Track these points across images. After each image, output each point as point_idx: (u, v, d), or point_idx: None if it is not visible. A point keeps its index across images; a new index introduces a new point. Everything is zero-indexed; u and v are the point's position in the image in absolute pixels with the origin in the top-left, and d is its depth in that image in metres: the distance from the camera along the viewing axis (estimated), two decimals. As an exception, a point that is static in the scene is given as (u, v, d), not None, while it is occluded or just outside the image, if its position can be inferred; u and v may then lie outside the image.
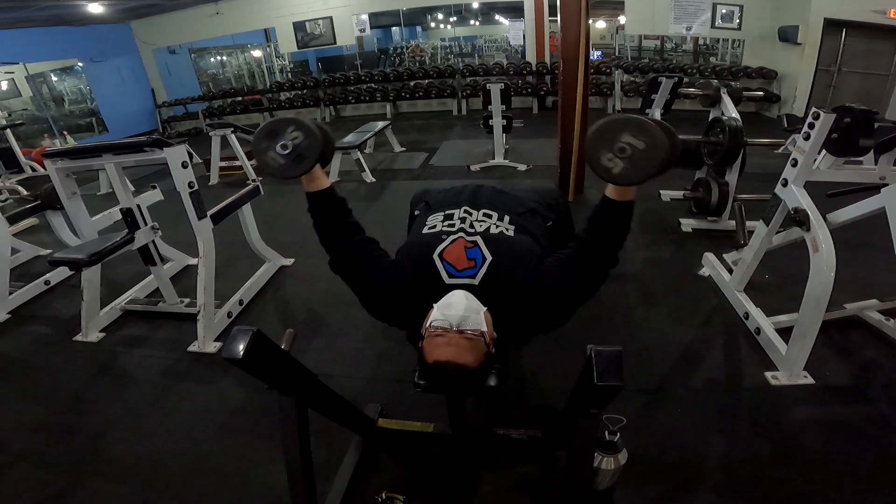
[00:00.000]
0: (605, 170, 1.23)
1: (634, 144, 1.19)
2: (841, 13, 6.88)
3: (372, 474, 1.78)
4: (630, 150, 1.19)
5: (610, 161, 1.22)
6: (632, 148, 1.19)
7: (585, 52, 3.92)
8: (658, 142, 1.18)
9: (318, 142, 1.37)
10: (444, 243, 1.48)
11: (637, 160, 1.20)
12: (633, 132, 1.19)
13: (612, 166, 1.22)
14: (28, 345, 2.82)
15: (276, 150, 1.38)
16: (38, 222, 4.51)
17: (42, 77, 9.31)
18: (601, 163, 1.23)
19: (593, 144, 1.23)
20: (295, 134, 1.37)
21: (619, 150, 1.20)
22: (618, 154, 1.21)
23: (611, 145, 1.21)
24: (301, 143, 1.37)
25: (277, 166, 1.40)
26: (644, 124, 1.20)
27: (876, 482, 1.64)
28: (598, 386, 1.06)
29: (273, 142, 1.38)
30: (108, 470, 1.90)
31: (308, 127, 1.38)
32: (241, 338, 1.13)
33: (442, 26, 16.27)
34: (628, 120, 1.21)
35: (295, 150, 1.38)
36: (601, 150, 1.22)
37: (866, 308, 2.41)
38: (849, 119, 2.04)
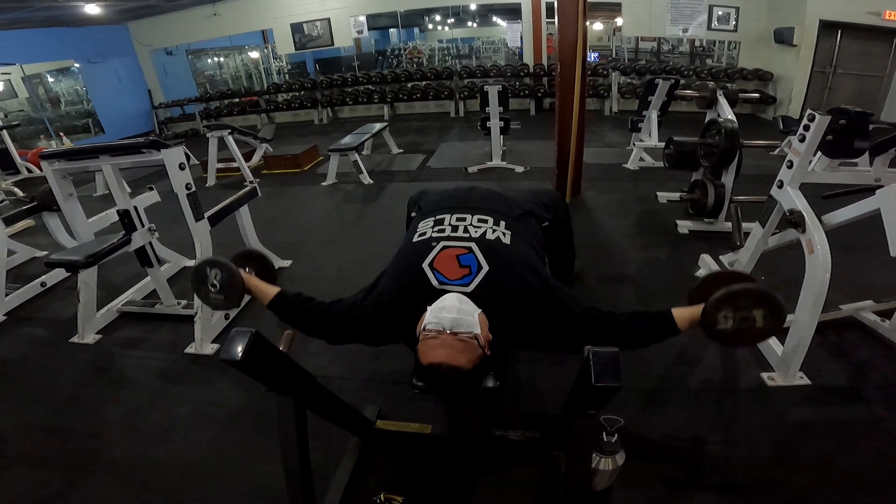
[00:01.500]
0: (714, 323, 1.22)
1: (757, 319, 1.19)
2: (836, 15, 6.92)
3: (370, 476, 1.78)
4: (750, 322, 1.19)
5: (725, 319, 1.21)
6: (752, 321, 1.19)
7: (583, 53, 3.93)
8: (777, 326, 1.20)
9: (235, 274, 1.49)
10: (434, 252, 1.45)
11: (747, 332, 1.21)
12: (767, 310, 1.19)
13: (721, 323, 1.21)
14: (24, 346, 2.82)
15: (212, 293, 1.51)
16: (34, 224, 4.51)
17: (38, 78, 9.28)
18: (715, 316, 1.21)
19: (723, 302, 1.20)
20: (215, 272, 1.50)
21: (742, 318, 1.20)
22: (737, 319, 1.20)
23: (737, 309, 1.19)
24: (224, 279, 1.49)
25: (220, 303, 1.54)
26: (781, 311, 1.19)
27: (872, 483, 1.65)
28: (596, 386, 1.06)
29: (204, 285, 1.51)
30: (104, 471, 1.89)
31: (223, 263, 1.50)
32: (240, 339, 1.13)
33: (440, 28, 16.29)
34: (772, 299, 1.19)
35: (224, 286, 1.50)
36: (725, 308, 1.20)
37: (862, 309, 2.42)
38: (844, 121, 2.05)
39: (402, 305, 1.41)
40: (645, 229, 3.79)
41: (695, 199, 3.65)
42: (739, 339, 1.23)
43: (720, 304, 1.21)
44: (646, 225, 3.87)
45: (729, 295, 1.20)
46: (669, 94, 5.00)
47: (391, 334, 1.52)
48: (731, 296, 1.20)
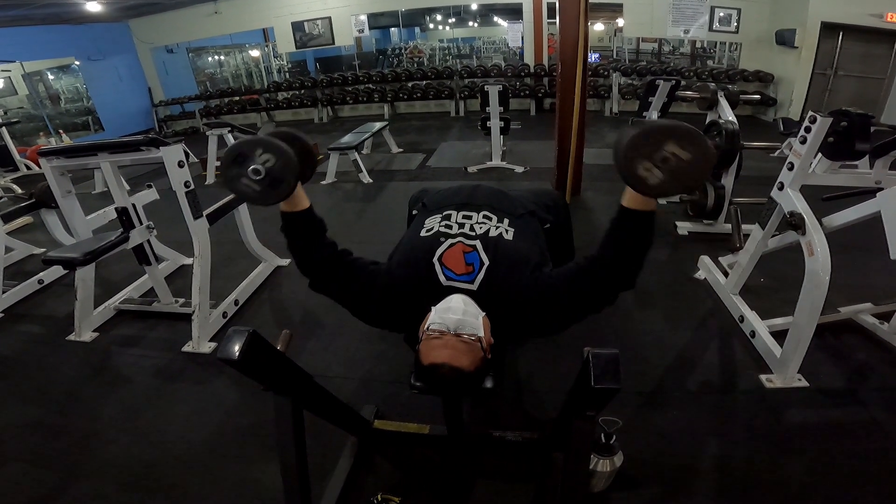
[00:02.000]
0: (640, 180, 1.12)
1: (679, 155, 1.09)
2: (838, 17, 6.92)
3: (367, 476, 1.78)
4: (674, 161, 1.09)
5: (647, 171, 1.11)
6: (676, 159, 1.09)
7: (584, 54, 3.93)
8: (706, 153, 1.10)
9: (292, 162, 1.23)
10: (443, 247, 1.45)
11: (678, 172, 1.10)
12: (679, 142, 1.09)
13: (647, 176, 1.11)
14: (21, 344, 2.81)
15: (248, 177, 1.24)
16: (32, 221, 4.50)
17: (39, 75, 9.27)
18: (637, 172, 1.12)
19: (631, 151, 1.11)
20: (265, 157, 1.22)
21: (662, 160, 1.10)
22: (658, 164, 1.10)
23: (651, 154, 1.10)
24: (274, 167, 1.23)
25: (253, 194, 1.26)
26: (694, 134, 1.10)
27: (870, 484, 1.65)
28: (595, 388, 1.06)
29: (243, 167, 1.23)
30: (101, 470, 1.89)
31: (278, 147, 1.23)
32: (237, 338, 1.12)
33: (440, 27, 16.28)
34: (675, 127, 1.10)
35: (269, 175, 1.23)
36: (639, 158, 1.11)
37: (861, 311, 2.42)
38: (845, 123, 2.05)
39: (410, 298, 1.41)
40: (644, 230, 3.78)
41: (694, 200, 3.64)
42: (679, 181, 1.12)
43: (630, 160, 1.11)
44: (645, 226, 3.86)
45: (631, 146, 1.11)
46: (670, 96, 4.97)
47: (392, 322, 1.52)
48: (632, 146, 1.11)
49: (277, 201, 1.31)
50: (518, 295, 1.39)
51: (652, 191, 1.14)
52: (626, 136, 1.12)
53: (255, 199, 1.27)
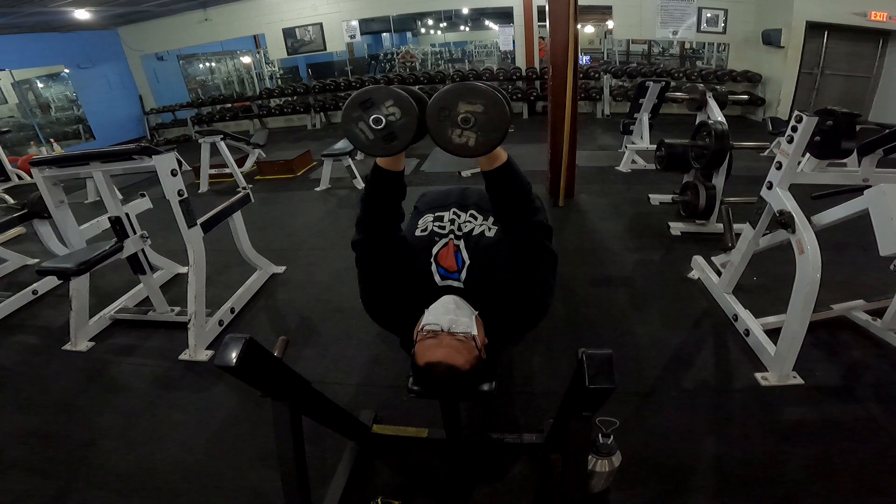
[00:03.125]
0: (462, 147, 1.17)
1: (474, 111, 1.13)
2: (822, 16, 7.02)
3: (367, 480, 1.78)
4: (473, 119, 1.13)
5: (461, 136, 1.15)
6: (474, 116, 1.13)
7: (574, 57, 3.96)
8: (493, 98, 1.13)
9: (414, 122, 1.21)
10: (438, 246, 1.53)
11: (485, 125, 1.14)
12: (466, 99, 1.13)
13: (465, 141, 1.16)
14: (16, 354, 2.79)
15: (367, 122, 1.21)
16: (24, 231, 4.47)
17: (28, 84, 9.21)
18: (453, 142, 1.16)
19: (435, 126, 1.16)
20: (393, 110, 1.21)
21: (464, 122, 1.13)
22: (464, 126, 1.14)
23: (453, 120, 1.14)
24: (397, 122, 1.21)
25: (365, 140, 1.24)
26: (471, 87, 1.13)
27: (866, 481, 1.66)
28: (590, 388, 1.07)
29: (367, 112, 1.21)
30: (98, 478, 1.88)
31: (408, 104, 1.21)
32: (234, 345, 1.13)
33: (432, 32, 16.32)
34: (455, 89, 1.13)
35: (388, 128, 1.22)
36: (446, 128, 1.15)
37: (853, 308, 2.45)
38: (831, 122, 2.08)
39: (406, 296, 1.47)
40: (637, 231, 3.82)
41: (686, 200, 3.68)
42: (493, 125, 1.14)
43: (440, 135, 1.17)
44: (638, 227, 3.89)
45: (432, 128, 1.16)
46: (660, 97, 5.04)
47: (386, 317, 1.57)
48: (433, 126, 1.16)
49: (385, 155, 1.31)
50: (499, 285, 1.44)
51: (478, 150, 1.18)
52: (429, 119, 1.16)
53: (366, 146, 1.25)
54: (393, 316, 1.55)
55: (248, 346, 1.13)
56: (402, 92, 1.20)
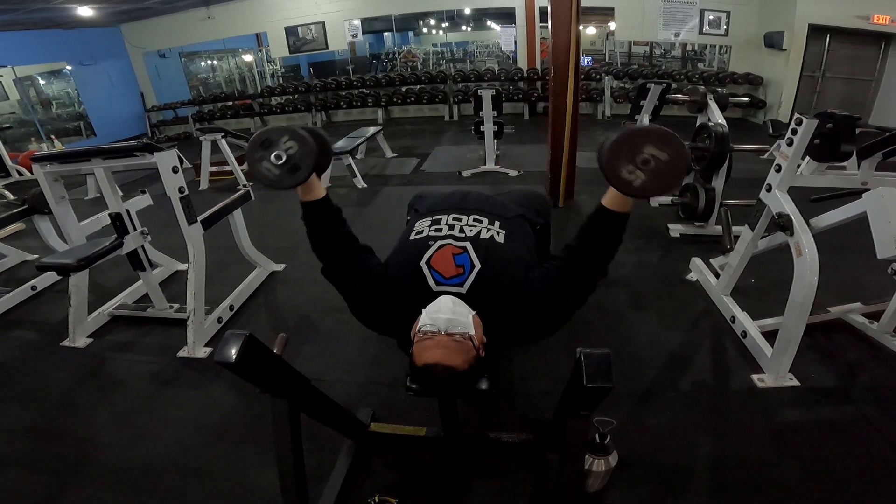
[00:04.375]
0: (625, 182, 1.20)
1: (658, 156, 1.17)
2: (825, 19, 7.02)
3: (364, 478, 1.78)
4: (654, 163, 1.17)
5: (631, 173, 1.19)
6: (655, 160, 1.17)
7: (576, 58, 3.96)
8: (682, 153, 1.18)
9: (312, 151, 1.34)
10: (431, 250, 1.47)
11: (660, 172, 1.18)
12: (657, 144, 1.17)
13: (632, 178, 1.20)
14: (15, 350, 2.79)
15: (270, 161, 1.34)
16: (24, 227, 4.48)
17: (30, 80, 9.21)
18: (621, 175, 1.20)
19: (613, 155, 1.20)
20: (289, 144, 1.33)
21: (643, 162, 1.18)
22: (640, 166, 1.18)
23: (633, 157, 1.18)
24: (296, 154, 1.33)
25: (272, 177, 1.36)
26: (668, 136, 1.18)
27: (861, 482, 1.67)
28: (588, 387, 1.07)
29: (267, 151, 1.34)
30: (96, 475, 1.88)
31: (303, 136, 1.34)
32: (234, 342, 1.13)
33: (434, 32, 16.33)
34: (651, 131, 1.20)
35: (289, 161, 1.34)
36: (622, 161, 1.19)
37: (850, 311, 2.45)
38: (831, 125, 2.08)
39: (399, 303, 1.43)
40: (637, 233, 3.82)
41: (686, 202, 3.68)
42: (662, 181, 1.20)
43: (613, 164, 1.20)
44: (637, 228, 3.89)
45: (612, 153, 1.20)
46: (661, 99, 5.02)
47: (384, 324, 1.55)
48: (614, 150, 1.19)
49: (293, 186, 1.39)
50: (509, 299, 1.41)
51: (636, 191, 1.21)
52: (608, 142, 1.20)
53: (273, 181, 1.36)
54: (385, 324, 1.54)
55: (247, 343, 1.14)
56: (295, 128, 1.35)
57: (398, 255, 1.55)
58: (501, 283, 1.41)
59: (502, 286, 1.41)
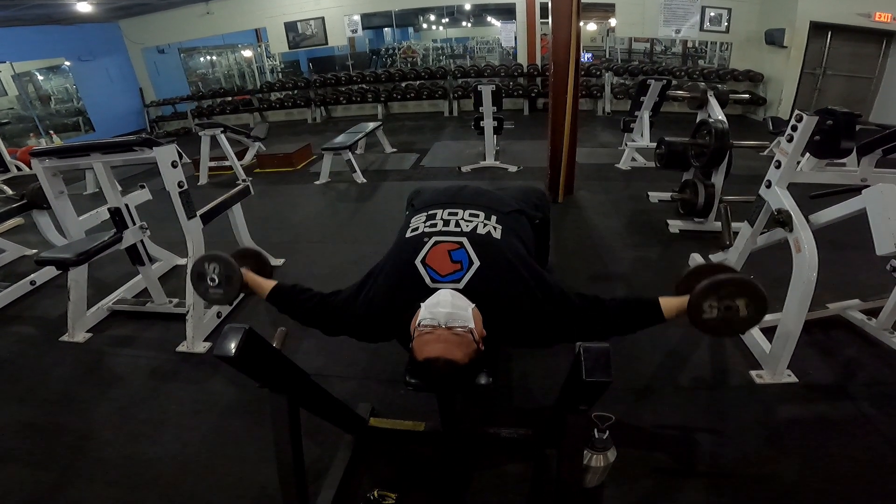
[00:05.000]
0: (699, 312, 1.27)
1: (741, 309, 1.23)
2: (827, 16, 6.99)
3: (363, 473, 1.78)
4: (734, 311, 1.24)
5: (710, 309, 1.25)
6: (735, 310, 1.24)
7: (576, 54, 3.95)
8: (760, 317, 1.24)
9: (231, 263, 1.53)
10: (426, 247, 1.45)
11: (732, 321, 1.25)
12: (749, 300, 1.23)
13: (706, 312, 1.26)
14: (13, 345, 2.79)
15: (210, 287, 1.55)
16: (23, 222, 4.47)
17: (28, 76, 9.19)
18: (701, 305, 1.26)
19: (708, 289, 1.25)
20: (213, 266, 1.54)
21: (726, 308, 1.24)
22: (722, 308, 1.24)
23: (722, 297, 1.24)
24: (221, 272, 1.54)
25: (219, 297, 1.57)
26: (763, 299, 1.24)
27: (858, 479, 1.67)
28: (587, 382, 1.07)
29: (204, 281, 1.55)
30: (95, 471, 1.89)
31: (220, 257, 1.54)
32: (233, 336, 1.13)
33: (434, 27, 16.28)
34: (752, 287, 1.24)
35: (220, 278, 1.54)
36: (710, 297, 1.25)
37: (849, 308, 2.46)
38: (831, 121, 2.08)
39: (396, 304, 1.41)
40: (636, 229, 3.82)
41: (685, 198, 3.68)
42: (724, 327, 1.27)
43: (706, 294, 1.25)
44: (637, 224, 3.90)
45: (714, 284, 1.25)
46: (661, 95, 5.03)
47: (384, 332, 1.52)
48: (716, 285, 1.24)
49: (237, 294, 1.58)
50: (514, 292, 1.40)
51: (698, 322, 1.28)
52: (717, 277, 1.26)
53: (221, 299, 1.59)
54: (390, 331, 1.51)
55: (247, 337, 1.14)
56: (212, 253, 1.56)
57: (393, 255, 1.54)
58: (501, 283, 1.40)
59: (502, 286, 1.40)
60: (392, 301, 1.43)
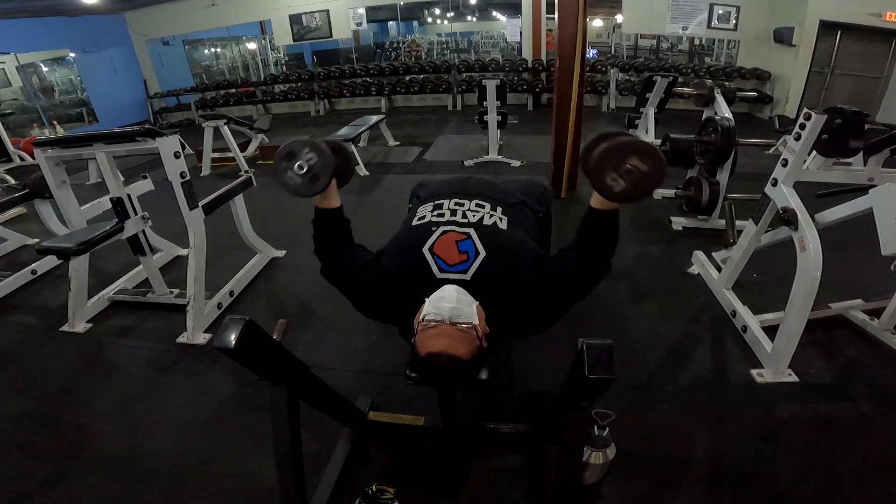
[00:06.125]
0: (608, 188, 1.30)
1: (639, 167, 1.27)
2: (837, 15, 6.92)
3: (362, 467, 1.79)
4: (635, 173, 1.27)
5: (613, 180, 1.29)
6: (637, 170, 1.27)
7: (582, 50, 3.93)
8: (661, 166, 1.27)
9: (330, 163, 1.44)
10: (434, 236, 1.47)
11: (639, 181, 1.28)
12: (641, 156, 1.26)
13: (614, 185, 1.29)
14: (14, 335, 2.80)
15: (293, 170, 1.45)
16: (25, 211, 4.47)
17: (33, 67, 9.18)
18: (605, 181, 1.29)
19: (600, 164, 1.28)
20: (310, 155, 1.44)
21: (626, 172, 1.27)
22: (623, 175, 1.28)
23: (617, 166, 1.27)
24: (315, 164, 1.44)
25: (295, 185, 1.47)
26: (652, 150, 1.28)
27: (858, 478, 1.67)
28: (590, 378, 1.06)
29: (291, 162, 1.45)
30: (94, 462, 1.89)
31: (323, 149, 1.44)
32: (234, 327, 1.13)
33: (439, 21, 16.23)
34: (638, 145, 1.28)
35: (310, 171, 1.45)
36: (607, 169, 1.28)
37: (851, 308, 2.44)
38: (839, 120, 2.06)
39: (402, 291, 1.43)
40: (639, 225, 3.80)
41: (689, 195, 3.66)
42: (639, 188, 1.29)
43: (601, 171, 1.29)
44: (640, 221, 3.88)
45: (602, 160, 1.28)
46: (667, 92, 4.98)
47: (388, 314, 1.53)
48: (603, 160, 1.28)
49: (313, 194, 1.49)
50: (515, 290, 1.40)
51: (617, 197, 1.32)
52: (597, 151, 1.30)
53: (295, 189, 1.47)
54: (389, 314, 1.52)
55: (247, 329, 1.13)
56: (316, 141, 1.45)
57: (399, 241, 1.55)
58: (508, 273, 1.41)
59: (508, 276, 1.41)
60: (399, 285, 1.45)
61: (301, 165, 1.44)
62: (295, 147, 1.46)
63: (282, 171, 1.47)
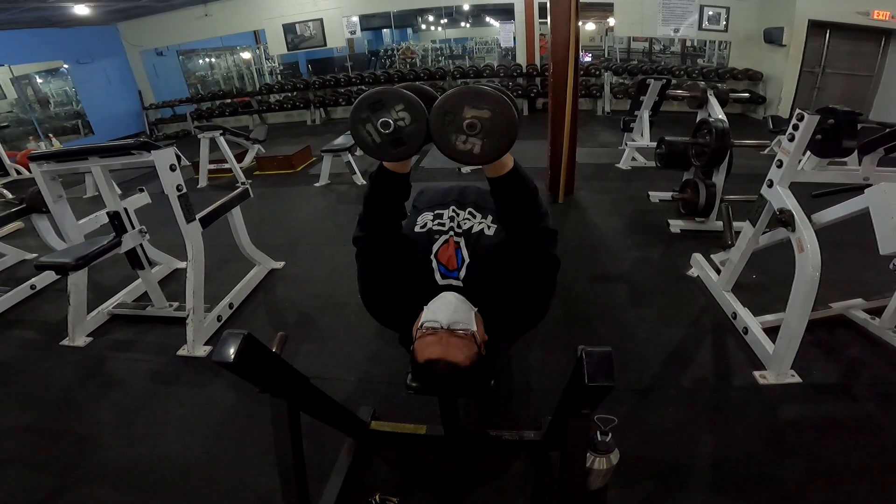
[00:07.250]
0: (467, 154, 1.12)
1: (481, 117, 1.08)
2: (825, 15, 6.99)
3: (365, 476, 1.77)
4: (480, 125, 1.09)
5: (465, 143, 1.11)
6: (480, 122, 1.09)
7: (575, 54, 3.95)
8: (502, 105, 1.09)
9: (423, 131, 1.16)
10: (438, 243, 1.52)
11: (492, 131, 1.10)
12: (472, 104, 1.08)
13: (470, 147, 1.11)
14: (14, 349, 2.79)
15: (375, 125, 1.16)
16: (23, 226, 4.46)
17: (27, 79, 9.19)
18: (458, 148, 1.12)
19: (439, 131, 1.11)
20: (403, 115, 1.15)
21: (469, 128, 1.09)
22: (469, 133, 1.10)
23: (457, 126, 1.10)
24: (406, 128, 1.16)
25: (371, 143, 1.19)
26: (478, 91, 1.09)
27: (863, 479, 1.66)
28: (590, 386, 1.06)
29: (375, 115, 1.16)
30: (96, 474, 1.88)
31: (420, 111, 1.15)
32: (232, 341, 1.13)
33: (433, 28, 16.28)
34: (461, 93, 1.09)
35: (396, 133, 1.16)
36: (450, 134, 1.11)
37: (852, 307, 2.45)
38: (832, 120, 2.07)
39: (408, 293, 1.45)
40: (637, 229, 3.81)
41: (686, 198, 3.67)
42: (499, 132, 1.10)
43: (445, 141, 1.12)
44: (638, 224, 3.89)
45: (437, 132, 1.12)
46: (661, 94, 5.03)
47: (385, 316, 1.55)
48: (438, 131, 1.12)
49: (391, 160, 1.25)
50: (498, 283, 1.43)
51: (484, 158, 1.14)
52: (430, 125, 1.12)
53: (370, 148, 1.20)
54: (392, 312, 1.53)
55: (246, 342, 1.13)
56: (414, 97, 1.14)
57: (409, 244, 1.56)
58: (489, 272, 1.45)
59: (491, 275, 1.45)
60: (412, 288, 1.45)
61: (387, 123, 1.15)
62: (386, 97, 1.15)
63: (360, 120, 1.17)
